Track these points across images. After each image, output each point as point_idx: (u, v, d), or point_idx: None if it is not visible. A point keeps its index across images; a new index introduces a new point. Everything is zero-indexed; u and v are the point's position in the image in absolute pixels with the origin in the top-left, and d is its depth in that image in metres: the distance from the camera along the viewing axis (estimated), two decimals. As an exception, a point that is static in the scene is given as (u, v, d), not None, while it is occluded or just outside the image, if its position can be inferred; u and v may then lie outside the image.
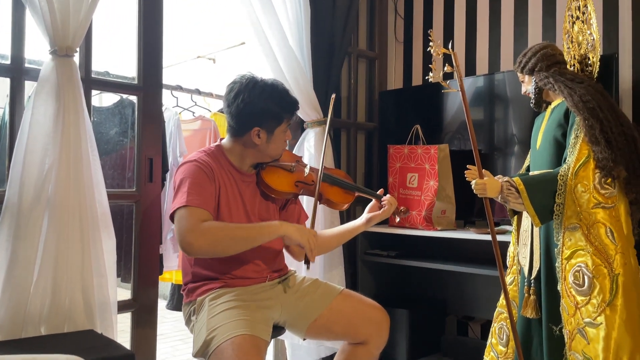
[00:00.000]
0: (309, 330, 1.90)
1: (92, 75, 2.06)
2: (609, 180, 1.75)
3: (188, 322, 1.88)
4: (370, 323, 1.94)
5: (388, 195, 2.10)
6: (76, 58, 1.82)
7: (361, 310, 1.95)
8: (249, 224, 1.79)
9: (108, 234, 1.87)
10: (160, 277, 2.83)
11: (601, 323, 1.69)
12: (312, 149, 2.69)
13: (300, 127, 2.81)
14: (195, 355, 1.72)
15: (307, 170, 1.99)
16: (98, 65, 2.22)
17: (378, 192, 2.12)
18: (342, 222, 2.56)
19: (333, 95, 2.05)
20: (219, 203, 1.80)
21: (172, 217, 1.71)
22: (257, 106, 1.81)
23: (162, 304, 2.69)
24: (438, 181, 2.62)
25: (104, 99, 3.86)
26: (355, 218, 2.90)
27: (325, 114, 2.75)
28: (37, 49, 1.89)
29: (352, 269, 2.89)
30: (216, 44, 4.68)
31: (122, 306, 2.05)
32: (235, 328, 1.64)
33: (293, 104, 1.89)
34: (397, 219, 2.16)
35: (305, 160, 2.69)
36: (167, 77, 2.48)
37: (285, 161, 1.98)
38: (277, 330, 1.89)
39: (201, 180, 1.75)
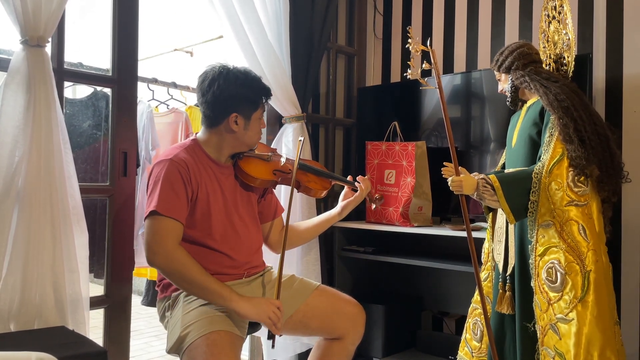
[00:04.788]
0: (285, 326, 1.90)
1: (65, 67, 2.01)
2: (582, 178, 1.78)
3: (162, 318, 1.85)
4: (346, 318, 1.95)
5: (360, 177, 2.13)
6: (48, 48, 1.78)
7: (337, 306, 1.96)
8: (213, 280, 1.69)
9: (80, 229, 1.83)
10: (136, 272, 2.80)
11: (573, 319, 1.72)
12: (290, 144, 2.68)
13: (278, 122, 2.79)
14: (169, 352, 1.71)
15: (283, 159, 2.01)
16: (71, 56, 2.17)
17: (348, 179, 2.16)
18: (319, 213, 2.55)
19: (301, 139, 2.07)
20: (197, 199, 1.78)
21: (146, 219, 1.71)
22: (233, 92, 1.81)
23: (136, 299, 2.66)
24: (415, 178, 2.63)
25: (77, 91, 3.78)
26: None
27: (304, 110, 2.74)
28: (7, 38, 1.83)
29: (329, 265, 2.89)
30: (193, 36, 4.63)
31: (95, 302, 2.02)
32: (209, 324, 1.63)
33: (267, 90, 1.91)
34: (374, 207, 2.21)
35: (284, 155, 2.67)
36: (143, 70, 2.44)
37: (261, 152, 1.99)
38: (253, 326, 1.88)
39: (175, 183, 1.73)
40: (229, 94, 1.80)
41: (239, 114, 1.82)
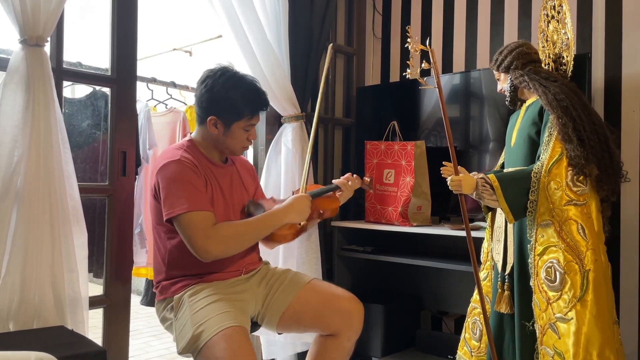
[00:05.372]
0: (280, 322, 1.88)
1: (64, 66, 2.01)
2: (581, 177, 1.78)
3: (164, 319, 1.85)
4: (339, 314, 1.89)
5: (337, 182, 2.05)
6: (47, 48, 1.78)
7: (330, 301, 1.91)
8: (259, 220, 1.82)
9: (79, 229, 1.83)
10: (135, 272, 2.80)
11: (572, 318, 1.72)
12: (289, 144, 2.68)
13: (277, 122, 2.79)
14: (181, 353, 1.69)
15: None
16: (70, 55, 2.17)
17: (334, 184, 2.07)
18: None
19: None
20: None
21: (169, 221, 1.71)
22: (217, 94, 1.78)
23: (135, 299, 2.66)
24: (414, 177, 2.63)
25: (76, 91, 3.78)
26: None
27: (303, 109, 2.74)
28: (6, 38, 1.83)
29: (328, 264, 2.89)
30: (192, 36, 4.62)
31: (94, 302, 2.02)
32: (224, 320, 1.63)
33: (258, 103, 1.82)
34: (371, 191, 2.20)
35: (283, 155, 2.68)
36: (142, 70, 2.44)
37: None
38: (253, 326, 1.88)
39: (192, 179, 1.73)
40: (212, 96, 1.78)
41: (218, 119, 1.80)
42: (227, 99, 1.78)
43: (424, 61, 1.85)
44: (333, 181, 2.06)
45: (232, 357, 1.56)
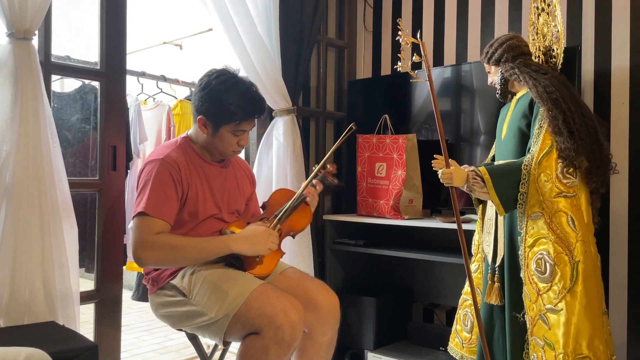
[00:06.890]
0: None
1: (52, 60, 1.99)
2: (571, 170, 1.79)
3: (164, 305, 1.81)
4: (307, 309, 1.77)
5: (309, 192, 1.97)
6: (35, 41, 1.76)
7: (297, 295, 1.78)
8: (203, 240, 1.74)
9: (70, 223, 1.82)
10: (128, 266, 2.79)
11: (562, 309, 1.74)
12: (280, 138, 2.67)
13: (268, 116, 2.78)
14: (218, 317, 1.66)
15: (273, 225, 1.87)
16: (58, 49, 2.15)
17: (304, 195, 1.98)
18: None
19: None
20: (186, 199, 1.79)
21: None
22: (209, 95, 1.77)
23: (126, 294, 2.65)
24: (406, 170, 2.64)
25: (65, 85, 3.75)
26: (324, 207, 2.89)
27: (294, 103, 2.73)
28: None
29: (320, 258, 2.89)
30: (183, 29, 4.59)
31: (85, 297, 2.01)
32: (254, 279, 1.71)
33: (249, 110, 1.78)
34: (335, 181, 2.07)
35: (274, 149, 2.67)
36: (132, 63, 2.42)
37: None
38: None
39: (165, 184, 1.73)
40: (205, 96, 1.78)
41: (207, 119, 1.79)
42: (218, 100, 1.76)
43: (415, 54, 1.85)
44: (303, 188, 1.93)
45: (277, 297, 1.63)
